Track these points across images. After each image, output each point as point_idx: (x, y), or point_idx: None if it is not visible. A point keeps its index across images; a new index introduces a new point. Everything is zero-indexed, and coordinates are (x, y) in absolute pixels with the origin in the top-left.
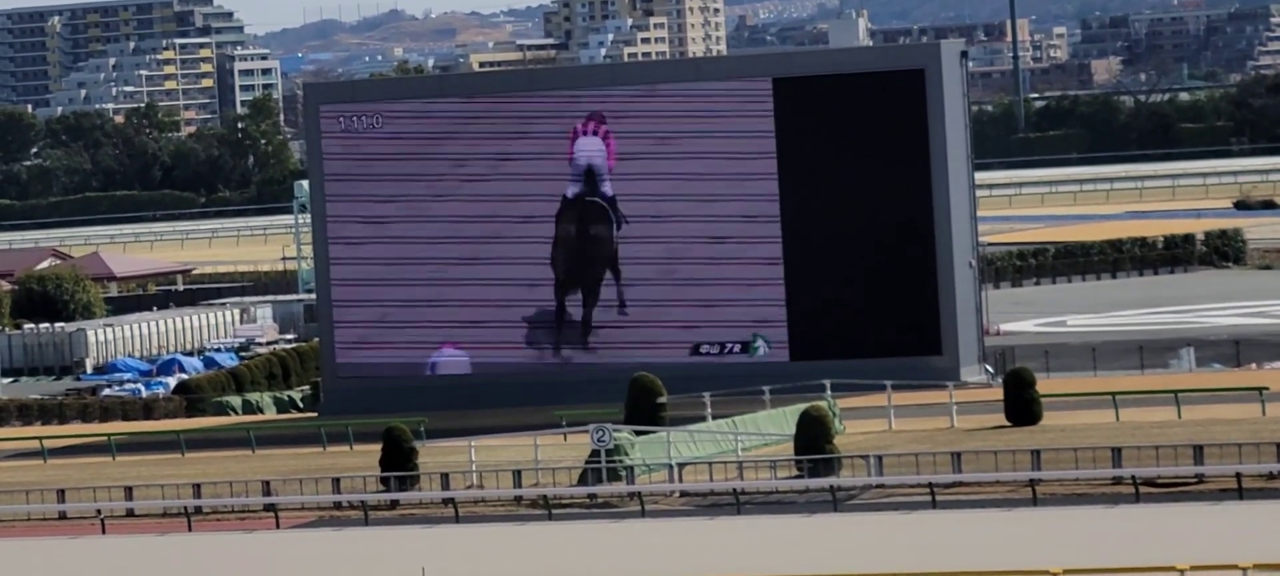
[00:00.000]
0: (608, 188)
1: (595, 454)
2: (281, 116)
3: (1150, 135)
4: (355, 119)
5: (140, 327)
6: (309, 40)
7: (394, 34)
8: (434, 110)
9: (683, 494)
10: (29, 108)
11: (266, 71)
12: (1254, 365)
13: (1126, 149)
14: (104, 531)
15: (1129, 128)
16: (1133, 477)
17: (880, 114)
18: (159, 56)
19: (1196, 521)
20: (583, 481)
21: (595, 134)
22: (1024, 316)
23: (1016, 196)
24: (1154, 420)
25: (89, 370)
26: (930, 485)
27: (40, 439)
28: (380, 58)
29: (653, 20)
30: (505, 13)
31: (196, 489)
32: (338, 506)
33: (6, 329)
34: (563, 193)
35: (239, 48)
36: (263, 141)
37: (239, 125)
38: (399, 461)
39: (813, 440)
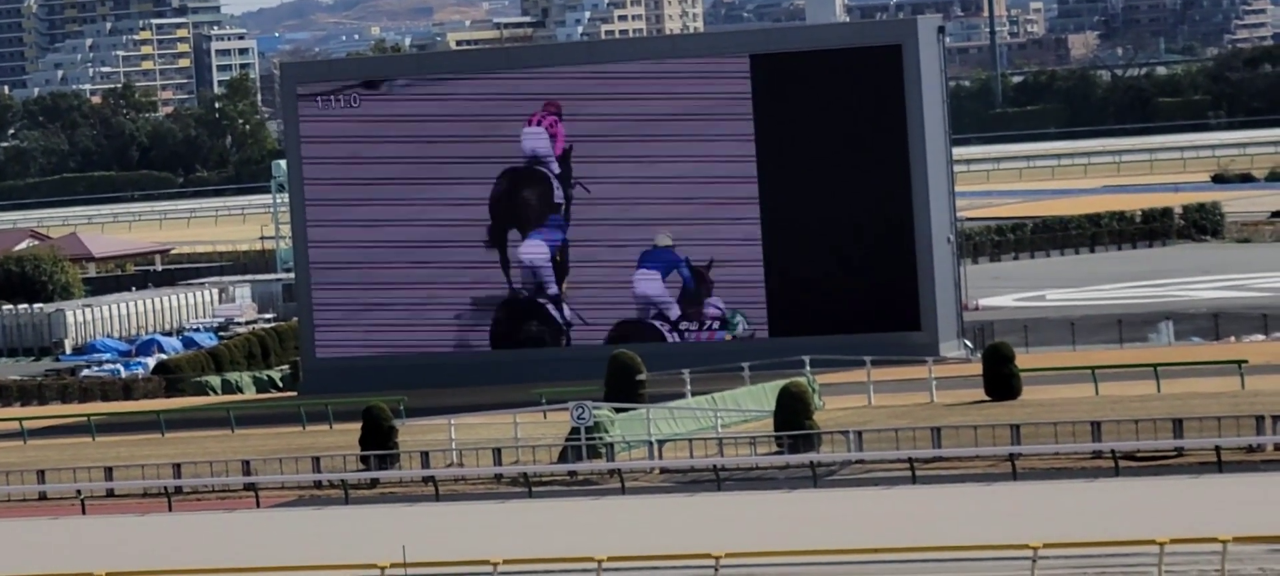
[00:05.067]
0: (582, 167)
1: (575, 431)
2: (258, 96)
3: (1128, 109)
4: (332, 98)
5: (119, 308)
6: (286, 20)
7: (371, 13)
8: (411, 89)
9: (663, 470)
10: (5, 89)
11: (243, 51)
12: (1233, 338)
13: (1104, 123)
14: (84, 511)
15: (1106, 102)
16: (1112, 451)
17: (858, 90)
18: (135, 37)
19: (1176, 494)
20: (563, 459)
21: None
22: (1003, 291)
23: (994, 171)
24: (1133, 394)
25: (68, 351)
26: (910, 460)
27: (20, 420)
28: (357, 37)
29: None
30: None
31: (176, 469)
32: (318, 485)
33: None
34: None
35: (216, 28)
36: (240, 121)
37: (216, 105)
38: (379, 440)
39: (792, 416)
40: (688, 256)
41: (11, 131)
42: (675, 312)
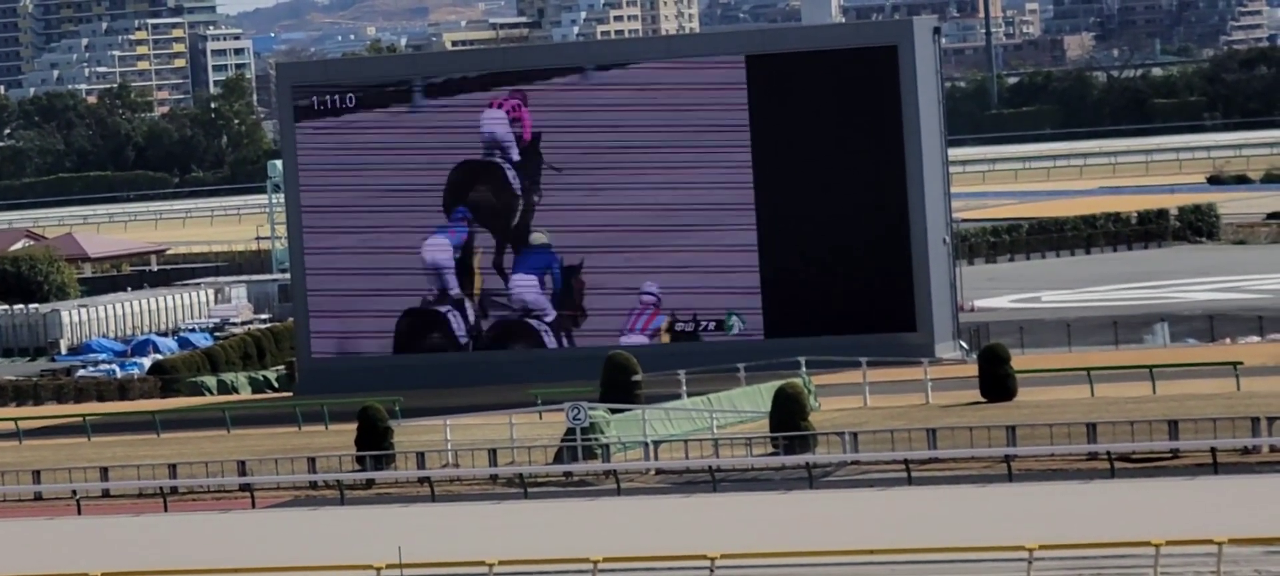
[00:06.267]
0: (577, 167)
1: (571, 432)
2: (254, 96)
3: (1124, 110)
4: (328, 98)
5: (115, 308)
6: (282, 20)
7: (367, 13)
8: (406, 89)
9: (658, 471)
10: (1, 89)
11: (239, 51)
12: (1228, 340)
13: (1100, 124)
14: (80, 512)
15: (1102, 103)
16: (1108, 453)
17: (853, 91)
18: (131, 37)
19: (1171, 496)
20: (558, 459)
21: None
22: (998, 292)
23: (990, 172)
24: (1129, 395)
25: (64, 351)
26: (906, 461)
27: (15, 420)
28: (353, 37)
29: None
30: None
31: (172, 469)
32: (313, 486)
33: None
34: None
35: (211, 27)
36: (236, 121)
37: (212, 105)
38: (375, 440)
39: (788, 417)
40: (562, 257)
41: (7, 131)
42: (550, 315)
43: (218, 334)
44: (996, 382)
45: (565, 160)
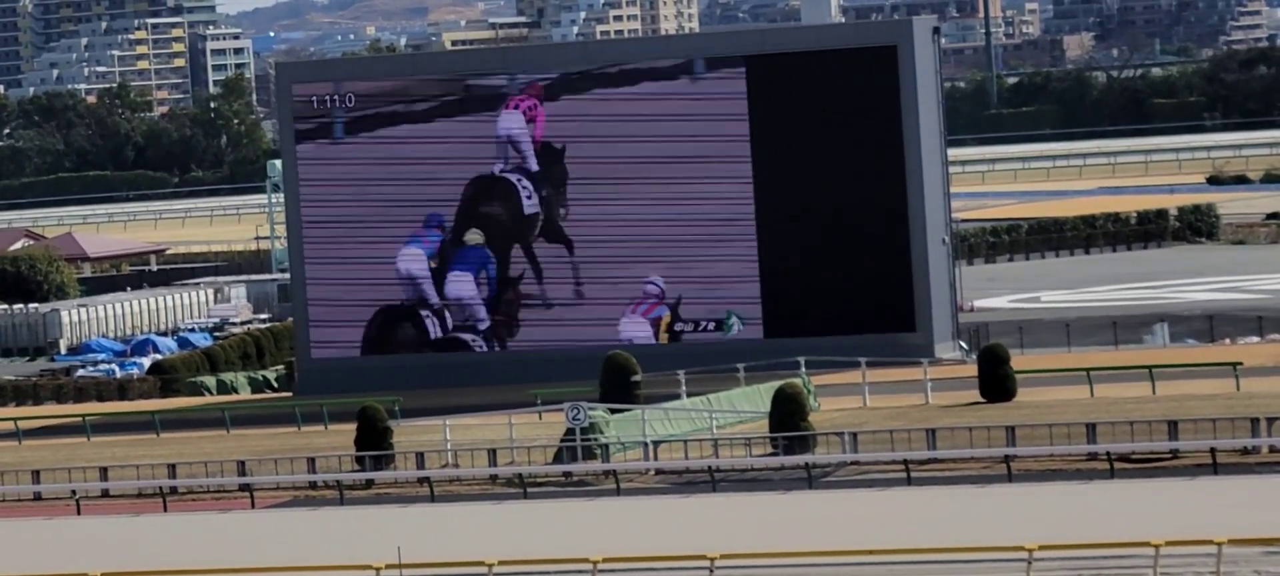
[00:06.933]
0: (576, 167)
1: (570, 432)
2: (253, 96)
3: (1123, 111)
4: (327, 98)
5: (114, 308)
6: (281, 19)
7: (366, 12)
8: (405, 89)
9: (658, 472)
10: (1, 88)
11: (238, 51)
12: (1228, 340)
13: (1099, 125)
14: (79, 512)
15: (1102, 103)
16: (1107, 453)
17: (853, 91)
18: (131, 36)
19: (1171, 496)
20: (558, 460)
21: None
22: (998, 293)
23: (990, 172)
24: (1128, 396)
25: (63, 351)
26: (905, 461)
27: (15, 420)
28: (352, 37)
29: None
30: None
31: (171, 469)
32: (313, 486)
33: None
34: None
35: (211, 27)
36: (235, 121)
37: (211, 105)
38: (374, 441)
39: (787, 417)
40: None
41: (7, 131)
42: (484, 320)
43: (217, 334)
44: (996, 383)
45: (567, 163)
